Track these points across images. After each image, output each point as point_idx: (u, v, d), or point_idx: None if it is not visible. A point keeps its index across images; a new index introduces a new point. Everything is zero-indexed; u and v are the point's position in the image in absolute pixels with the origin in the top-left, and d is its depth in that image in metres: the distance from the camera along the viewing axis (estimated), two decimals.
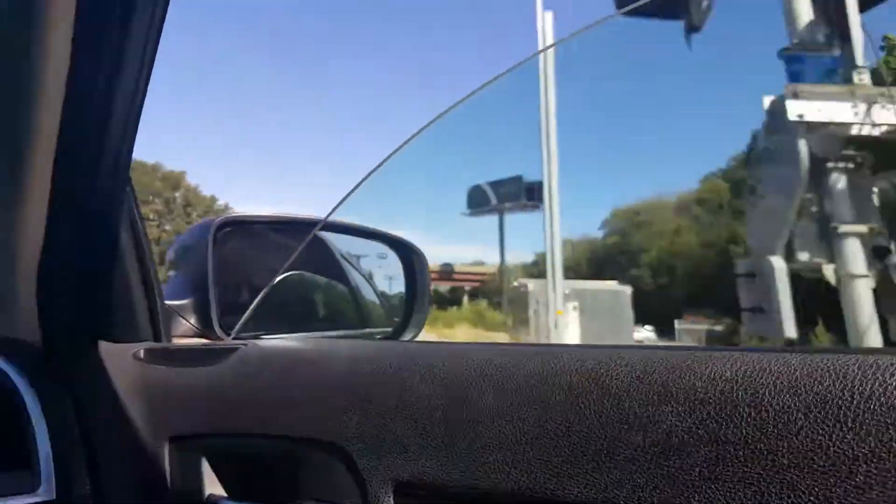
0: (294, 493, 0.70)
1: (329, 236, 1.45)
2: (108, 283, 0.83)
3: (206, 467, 0.78)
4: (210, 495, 0.77)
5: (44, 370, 0.81)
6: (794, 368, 0.46)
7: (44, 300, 0.80)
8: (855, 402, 0.43)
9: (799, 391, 0.45)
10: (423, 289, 1.27)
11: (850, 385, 0.44)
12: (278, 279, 1.07)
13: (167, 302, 0.94)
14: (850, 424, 0.43)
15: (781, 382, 0.46)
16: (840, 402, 0.43)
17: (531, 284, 14.94)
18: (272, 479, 0.74)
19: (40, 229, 0.74)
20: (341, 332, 1.30)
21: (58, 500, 0.74)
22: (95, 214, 0.76)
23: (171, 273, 1.09)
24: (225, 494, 0.77)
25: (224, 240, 1.08)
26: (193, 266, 1.05)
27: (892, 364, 0.43)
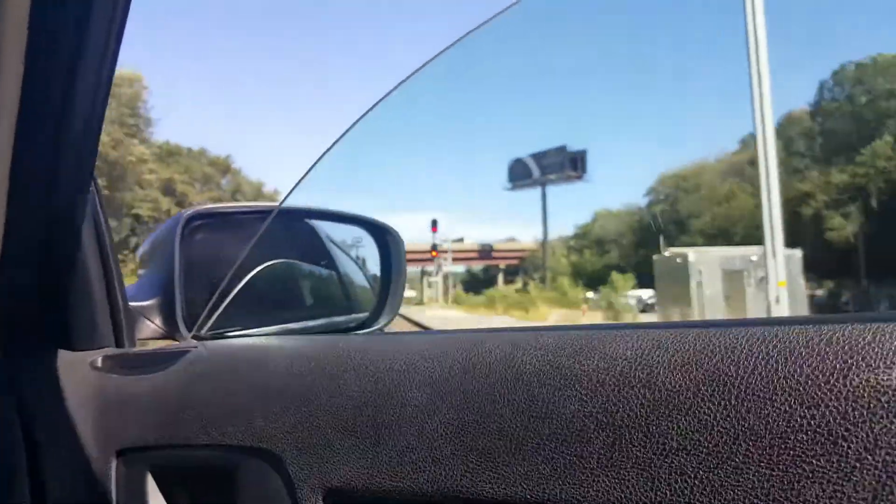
0: (235, 501, 0.73)
1: (318, 223, 1.50)
2: (67, 291, 0.85)
3: (150, 482, 0.80)
4: None
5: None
6: (688, 345, 0.48)
7: (2, 309, 0.81)
8: (739, 377, 0.45)
9: (690, 369, 0.47)
10: (399, 271, 1.31)
11: (736, 360, 0.46)
12: (251, 274, 1.11)
13: (133, 303, 0.97)
14: (733, 402, 0.45)
15: (675, 360, 0.48)
16: (726, 378, 0.45)
17: (692, 254, 13.81)
18: (212, 492, 0.76)
19: None
20: (318, 322, 1.35)
21: None
22: (56, 219, 0.79)
23: (141, 271, 1.15)
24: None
25: (194, 234, 1.11)
26: (161, 263, 1.08)
27: (775, 336, 0.45)
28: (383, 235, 1.34)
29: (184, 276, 1.03)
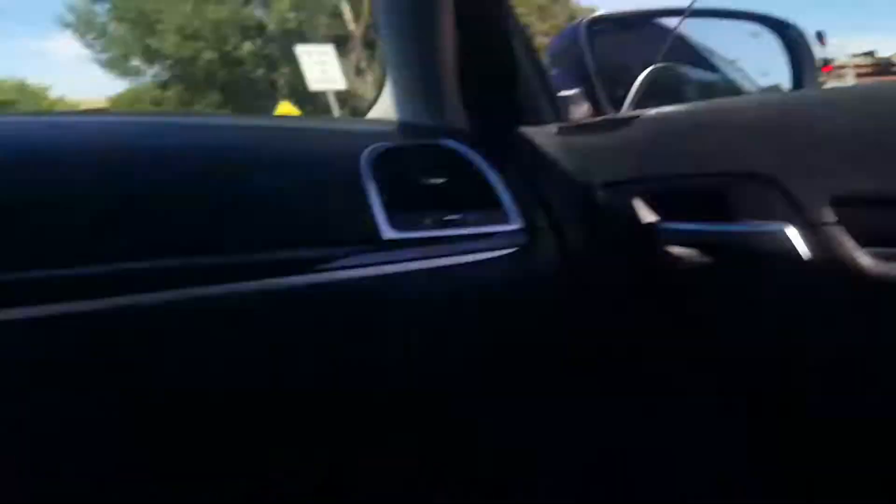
0: (731, 216, 0.84)
1: (697, 34, 1.54)
2: (514, 81, 1.13)
3: (638, 202, 0.95)
4: (646, 222, 0.95)
5: (483, 147, 1.13)
6: None
7: (468, 100, 1.14)
8: None
9: None
10: (810, 67, 1.28)
11: None
12: (653, 67, 1.24)
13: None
14: None
15: None
16: None
17: None
18: (705, 210, 0.86)
19: (452, 58, 1.11)
20: None
21: (526, 227, 1.04)
22: (493, 32, 1.10)
23: (554, 71, 1.35)
24: (658, 218, 0.95)
25: (594, 36, 1.30)
26: (570, 63, 1.29)
27: None
28: (785, 31, 1.30)
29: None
